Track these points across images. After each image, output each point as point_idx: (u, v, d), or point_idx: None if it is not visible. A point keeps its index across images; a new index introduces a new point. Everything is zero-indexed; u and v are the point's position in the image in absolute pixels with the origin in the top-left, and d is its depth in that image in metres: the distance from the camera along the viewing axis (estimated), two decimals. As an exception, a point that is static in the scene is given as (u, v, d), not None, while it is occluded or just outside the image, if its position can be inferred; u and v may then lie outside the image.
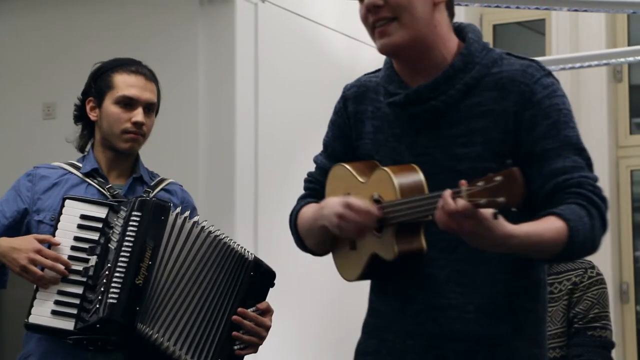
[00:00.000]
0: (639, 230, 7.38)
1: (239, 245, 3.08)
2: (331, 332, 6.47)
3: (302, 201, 2.67)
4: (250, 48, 6.22)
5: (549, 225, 2.23)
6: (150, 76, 3.24)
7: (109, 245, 2.97)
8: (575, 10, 6.76)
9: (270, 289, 3.09)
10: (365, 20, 2.42)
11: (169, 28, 6.27)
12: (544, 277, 2.45)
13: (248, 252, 3.09)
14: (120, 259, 2.92)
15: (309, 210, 2.59)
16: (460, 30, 2.48)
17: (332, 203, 2.40)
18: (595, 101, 7.58)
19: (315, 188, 2.65)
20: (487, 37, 8.06)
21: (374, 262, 2.41)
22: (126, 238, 2.93)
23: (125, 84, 3.18)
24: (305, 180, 2.70)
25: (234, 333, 3.02)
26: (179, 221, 3.01)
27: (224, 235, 3.06)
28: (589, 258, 3.59)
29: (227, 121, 6.09)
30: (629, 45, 7.43)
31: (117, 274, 2.90)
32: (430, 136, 2.40)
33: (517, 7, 6.00)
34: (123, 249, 2.92)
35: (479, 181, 2.08)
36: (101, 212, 3.02)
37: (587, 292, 3.33)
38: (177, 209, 3.03)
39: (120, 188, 3.17)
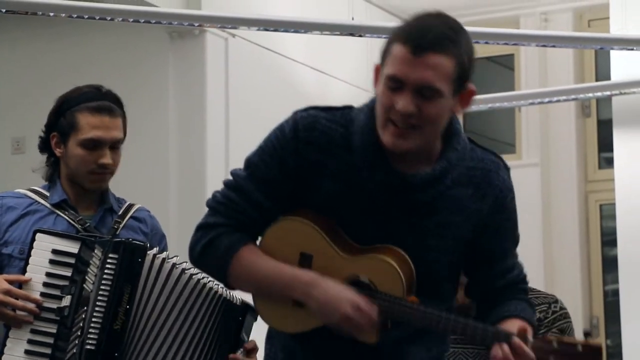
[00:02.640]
0: (609, 264, 7.41)
1: (223, 288, 2.93)
2: None
3: (233, 233, 2.43)
4: (221, 82, 6.23)
5: (521, 325, 2.40)
6: (114, 110, 3.14)
7: (85, 286, 2.91)
8: (544, 46, 6.82)
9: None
10: (386, 111, 2.33)
11: (139, 62, 6.27)
12: None
13: (233, 295, 2.98)
14: (98, 303, 2.87)
15: (268, 263, 2.40)
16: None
17: (340, 296, 2.32)
18: (564, 136, 7.63)
19: (243, 221, 2.44)
20: (457, 72, 8.10)
21: (324, 328, 2.38)
22: (103, 282, 2.88)
23: (90, 125, 3.09)
24: (226, 205, 2.45)
25: None
26: (157, 262, 2.93)
27: (205, 278, 2.94)
28: (560, 296, 3.60)
29: (198, 154, 6.08)
30: (596, 80, 7.49)
31: (94, 319, 2.85)
32: (405, 222, 2.39)
33: (486, 43, 6.05)
34: (100, 292, 2.87)
35: (555, 341, 2.23)
36: (73, 247, 2.96)
37: (552, 328, 3.34)
38: (154, 249, 2.96)
39: (91, 219, 3.11)
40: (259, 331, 2.84)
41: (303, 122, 2.44)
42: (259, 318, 2.95)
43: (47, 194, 3.15)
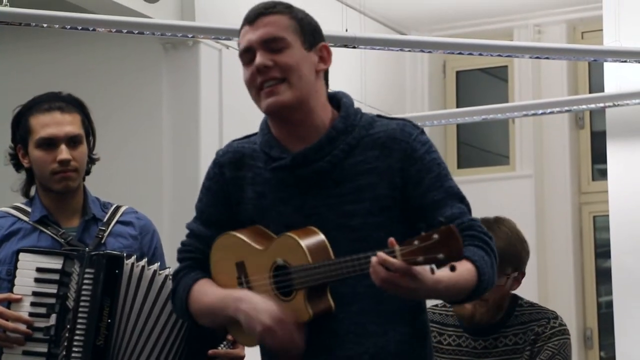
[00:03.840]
0: (603, 275, 7.41)
1: None
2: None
3: (189, 274, 2.62)
4: (215, 93, 6.23)
5: (463, 268, 2.37)
6: (67, 107, 3.12)
7: (67, 303, 2.90)
8: (537, 58, 6.83)
9: None
10: (251, 82, 2.54)
11: (133, 73, 6.27)
12: (427, 326, 2.61)
13: None
14: (79, 320, 2.86)
15: (208, 291, 2.57)
16: (332, 98, 2.61)
17: (260, 307, 2.43)
18: (558, 148, 7.64)
19: (197, 257, 2.63)
20: (451, 84, 8.12)
21: None
22: (82, 298, 2.87)
23: (40, 125, 3.08)
24: (182, 251, 2.67)
25: None
26: (136, 270, 2.92)
27: None
28: (554, 308, 3.60)
29: (192, 165, 6.08)
30: (590, 92, 7.51)
31: (77, 337, 2.85)
32: (318, 196, 2.50)
33: (480, 54, 6.06)
34: (80, 309, 2.86)
35: (414, 240, 2.22)
36: (57, 263, 2.94)
37: (549, 342, 3.34)
38: (132, 258, 2.94)
39: (74, 231, 3.08)
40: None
41: (219, 152, 2.68)
42: None
43: (29, 209, 3.12)
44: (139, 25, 5.40)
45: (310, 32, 2.54)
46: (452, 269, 2.23)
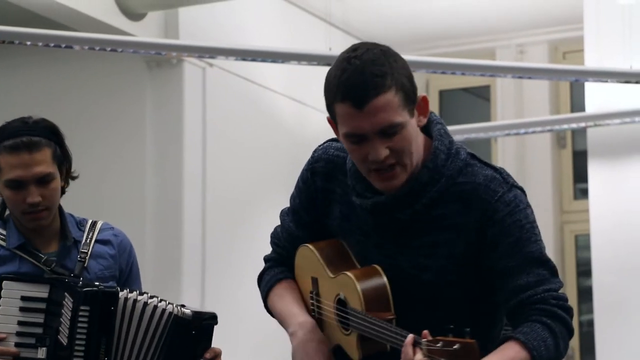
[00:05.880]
0: (584, 294, 7.44)
1: (175, 306, 2.90)
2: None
3: (275, 268, 2.64)
4: (198, 111, 6.24)
5: (512, 356, 2.28)
6: (35, 144, 2.95)
7: (59, 337, 2.86)
8: (520, 78, 6.87)
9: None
10: (364, 163, 2.36)
11: (117, 91, 6.27)
12: None
13: (180, 308, 2.91)
14: (74, 359, 2.82)
15: (285, 298, 2.60)
16: (427, 124, 2.44)
17: (299, 355, 2.49)
18: (540, 167, 7.68)
19: (282, 254, 2.63)
20: (434, 103, 8.15)
21: (338, 349, 2.50)
22: (77, 335, 2.82)
23: (9, 165, 2.92)
24: (273, 243, 2.66)
25: None
26: (129, 304, 2.87)
27: (169, 305, 2.90)
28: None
29: (175, 183, 6.08)
30: (571, 112, 7.55)
31: None
32: (396, 243, 2.41)
33: (463, 74, 6.09)
34: (76, 347, 2.82)
35: (439, 341, 2.17)
36: (42, 291, 2.90)
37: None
38: (125, 291, 2.89)
39: (54, 256, 3.00)
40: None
41: (314, 155, 2.57)
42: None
43: (4, 232, 3.04)
44: (122, 44, 5.41)
45: (412, 94, 2.34)
46: None
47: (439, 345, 2.17)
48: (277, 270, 2.64)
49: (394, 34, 7.71)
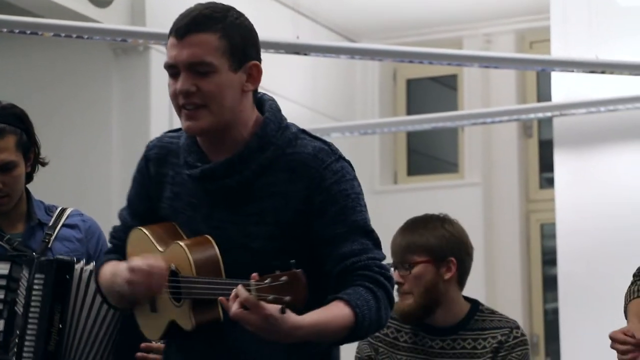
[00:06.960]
0: (549, 283, 7.49)
1: None
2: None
3: (106, 256, 2.67)
4: (165, 99, 6.17)
5: (336, 313, 2.34)
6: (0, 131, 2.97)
7: (15, 308, 2.88)
8: (486, 67, 6.90)
9: None
10: (173, 98, 2.47)
11: (83, 78, 6.24)
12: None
13: None
14: (29, 326, 2.85)
15: (108, 269, 2.59)
16: (261, 103, 2.55)
17: (121, 270, 2.47)
18: (506, 156, 7.71)
19: (118, 245, 2.65)
20: (401, 92, 8.17)
21: (173, 326, 2.48)
22: (32, 303, 2.85)
23: None
24: (111, 236, 2.70)
25: None
26: (85, 276, 2.92)
27: None
28: (513, 316, 3.64)
29: (141, 172, 6.06)
30: (538, 101, 7.59)
31: (27, 342, 2.83)
32: (225, 212, 2.47)
33: (430, 63, 6.10)
34: (30, 315, 2.85)
35: (267, 278, 2.21)
36: (3, 268, 2.92)
37: (512, 352, 3.37)
38: (81, 262, 2.94)
39: (19, 237, 3.03)
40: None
41: (149, 144, 2.65)
42: None
43: None
44: (88, 30, 5.37)
45: (240, 51, 2.46)
46: (282, 311, 2.20)
47: (267, 281, 2.20)
48: (109, 256, 2.65)
49: (362, 23, 7.72)
